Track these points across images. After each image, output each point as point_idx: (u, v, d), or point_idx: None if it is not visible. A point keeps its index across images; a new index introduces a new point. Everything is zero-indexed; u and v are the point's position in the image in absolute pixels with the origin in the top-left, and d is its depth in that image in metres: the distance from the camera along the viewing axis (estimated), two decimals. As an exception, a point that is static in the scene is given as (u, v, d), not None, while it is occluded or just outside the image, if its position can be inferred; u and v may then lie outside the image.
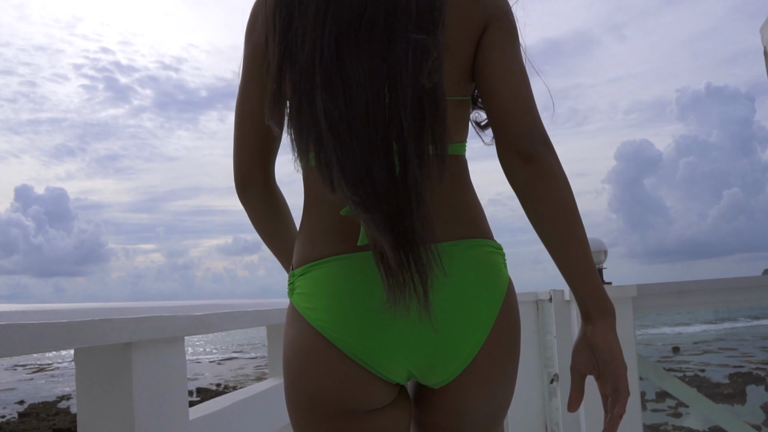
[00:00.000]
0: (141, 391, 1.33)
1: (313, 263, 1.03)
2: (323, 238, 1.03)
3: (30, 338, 1.02)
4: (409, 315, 0.94)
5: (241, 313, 1.94)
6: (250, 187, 1.14)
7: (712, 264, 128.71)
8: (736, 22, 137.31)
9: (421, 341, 0.99)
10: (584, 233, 1.03)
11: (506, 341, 1.04)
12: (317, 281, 1.02)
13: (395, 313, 0.94)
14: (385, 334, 0.98)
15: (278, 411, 2.25)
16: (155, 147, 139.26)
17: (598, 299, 1.04)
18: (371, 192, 0.90)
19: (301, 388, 1.03)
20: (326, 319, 0.99)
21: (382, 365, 1.00)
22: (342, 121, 0.91)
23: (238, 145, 1.13)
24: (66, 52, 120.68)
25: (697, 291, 3.38)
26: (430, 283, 0.93)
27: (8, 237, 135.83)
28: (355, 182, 0.90)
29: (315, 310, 1.01)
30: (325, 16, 0.94)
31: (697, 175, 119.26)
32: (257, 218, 1.19)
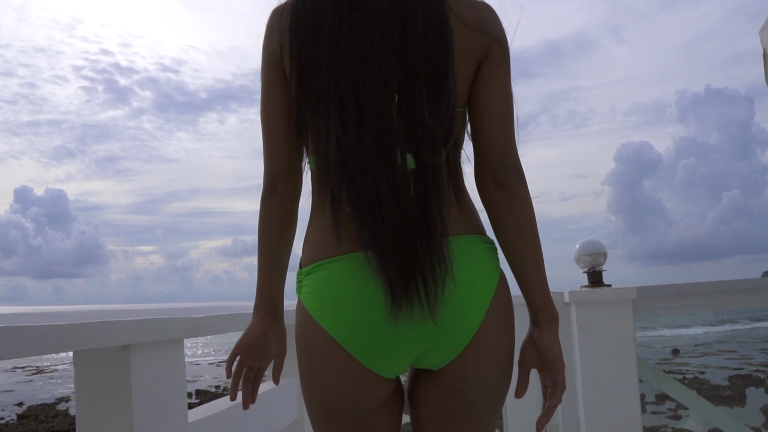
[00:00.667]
0: (140, 393, 1.32)
1: (320, 263, 1.13)
2: (330, 237, 1.11)
3: (29, 340, 1.02)
4: (412, 317, 1.06)
5: (240, 315, 1.94)
6: (279, 187, 1.20)
7: (711, 266, 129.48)
8: (736, 24, 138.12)
9: (423, 336, 1.09)
10: (540, 251, 1.17)
11: (500, 325, 1.13)
12: (323, 282, 1.12)
13: (398, 318, 1.06)
14: (389, 338, 1.08)
15: (278, 413, 2.25)
16: (155, 149, 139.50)
17: (547, 309, 1.18)
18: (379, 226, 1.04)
19: (319, 386, 1.14)
20: (333, 326, 1.10)
21: (386, 367, 1.11)
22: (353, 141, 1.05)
23: (267, 149, 1.20)
24: (66, 53, 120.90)
25: (697, 293, 3.38)
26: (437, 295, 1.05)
27: (7, 238, 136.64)
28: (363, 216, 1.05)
29: (323, 312, 1.11)
30: (339, 39, 1.07)
31: (697, 177, 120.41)
32: (270, 222, 1.22)
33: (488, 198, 1.17)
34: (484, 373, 1.13)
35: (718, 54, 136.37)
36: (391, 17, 1.08)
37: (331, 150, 1.06)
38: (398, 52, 1.07)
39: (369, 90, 1.06)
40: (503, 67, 1.18)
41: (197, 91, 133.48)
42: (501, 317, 1.14)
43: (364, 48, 1.06)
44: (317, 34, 1.09)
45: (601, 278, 3.56)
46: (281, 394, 2.29)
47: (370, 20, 1.07)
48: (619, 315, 3.22)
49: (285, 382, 2.36)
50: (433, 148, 1.07)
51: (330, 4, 1.09)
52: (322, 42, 1.08)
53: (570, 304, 3.31)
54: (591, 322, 3.24)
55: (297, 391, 2.46)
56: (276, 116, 1.18)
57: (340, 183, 1.06)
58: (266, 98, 1.20)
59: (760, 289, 3.42)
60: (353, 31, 1.07)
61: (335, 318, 1.10)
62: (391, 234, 1.04)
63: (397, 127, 1.07)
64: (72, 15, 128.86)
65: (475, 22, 1.14)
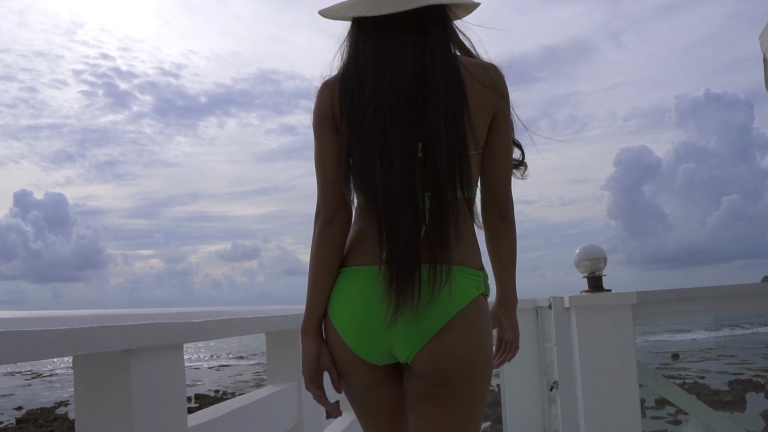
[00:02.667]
0: (139, 398, 1.32)
1: (343, 269, 1.46)
2: (354, 250, 1.45)
3: (29, 345, 1.02)
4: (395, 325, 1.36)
5: (240, 320, 1.94)
6: (335, 220, 1.46)
7: (711, 271, 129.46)
8: (735, 29, 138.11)
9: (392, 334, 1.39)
10: (515, 260, 1.57)
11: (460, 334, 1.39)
12: (340, 286, 1.45)
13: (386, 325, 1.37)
14: (368, 332, 1.40)
15: (278, 418, 2.24)
16: (154, 153, 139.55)
17: (513, 297, 1.61)
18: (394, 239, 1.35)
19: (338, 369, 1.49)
20: (337, 318, 1.44)
21: (368, 354, 1.43)
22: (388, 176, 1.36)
23: (324, 188, 1.47)
24: (66, 58, 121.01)
25: (697, 298, 3.38)
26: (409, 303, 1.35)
27: (7, 242, 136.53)
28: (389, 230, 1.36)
29: (335, 313, 1.44)
30: (375, 101, 1.37)
31: (696, 181, 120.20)
32: (321, 251, 1.47)
33: (492, 227, 1.52)
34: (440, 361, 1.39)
35: (717, 59, 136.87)
36: (415, 80, 1.38)
37: (375, 192, 1.37)
38: (420, 109, 1.37)
39: (397, 142, 1.36)
40: (507, 120, 1.46)
41: (197, 96, 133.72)
42: (464, 327, 1.39)
43: (392, 107, 1.37)
44: (360, 97, 1.40)
45: (601, 283, 3.56)
46: (281, 398, 2.29)
47: (398, 83, 1.37)
48: (619, 320, 3.22)
49: (285, 387, 2.36)
50: (447, 190, 1.36)
51: (369, 72, 1.40)
52: (363, 103, 1.39)
53: (570, 308, 3.31)
54: (591, 327, 3.24)
55: (297, 396, 2.46)
56: (330, 162, 1.46)
57: (377, 217, 1.37)
58: (320, 149, 1.48)
59: (760, 293, 3.42)
60: (384, 93, 1.37)
61: (336, 315, 1.44)
62: (394, 257, 1.35)
63: (421, 170, 1.36)
64: (72, 19, 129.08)
65: (488, 82, 1.43)
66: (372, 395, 1.50)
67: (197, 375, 24.67)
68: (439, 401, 1.43)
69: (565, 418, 3.43)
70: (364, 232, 1.44)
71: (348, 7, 1.45)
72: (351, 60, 1.45)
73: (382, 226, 1.37)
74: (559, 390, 3.47)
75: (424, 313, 1.36)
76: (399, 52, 1.40)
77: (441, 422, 1.44)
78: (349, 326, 1.41)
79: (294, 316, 2.46)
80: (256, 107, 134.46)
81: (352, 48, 1.47)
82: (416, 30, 1.42)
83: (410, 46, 1.41)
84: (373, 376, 1.46)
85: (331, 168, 1.46)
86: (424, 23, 1.43)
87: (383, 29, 1.42)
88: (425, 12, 1.42)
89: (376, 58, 1.41)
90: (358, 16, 1.45)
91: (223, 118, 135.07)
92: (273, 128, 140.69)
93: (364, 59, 1.42)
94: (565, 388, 3.41)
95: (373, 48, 1.42)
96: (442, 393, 1.42)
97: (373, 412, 1.53)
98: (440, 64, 1.39)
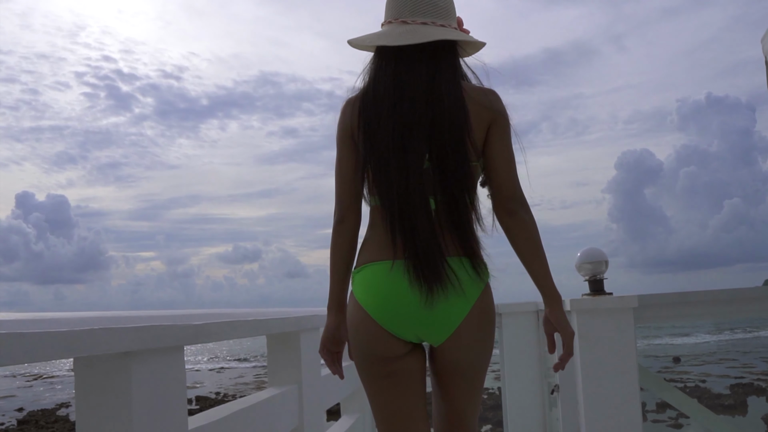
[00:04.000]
0: (140, 400, 1.32)
1: (364, 265, 1.71)
2: (373, 249, 1.70)
3: (29, 347, 1.02)
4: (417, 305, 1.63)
5: (241, 322, 1.94)
6: (346, 220, 1.74)
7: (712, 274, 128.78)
8: (737, 33, 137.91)
9: (422, 320, 1.65)
10: (542, 253, 1.71)
11: (479, 321, 1.68)
12: (365, 278, 1.70)
13: (409, 303, 1.63)
14: (402, 316, 1.65)
15: (278, 420, 2.24)
16: (156, 155, 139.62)
17: (551, 294, 1.72)
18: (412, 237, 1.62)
19: (358, 343, 1.72)
20: (369, 305, 1.68)
21: (400, 333, 1.68)
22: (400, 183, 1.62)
23: (340, 192, 1.74)
24: (68, 60, 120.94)
25: (698, 302, 3.38)
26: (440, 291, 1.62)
27: (9, 244, 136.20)
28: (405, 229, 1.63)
29: (363, 297, 1.69)
30: (392, 118, 1.65)
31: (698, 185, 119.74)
32: (338, 247, 1.75)
33: (502, 222, 1.71)
34: (465, 351, 1.69)
35: (719, 62, 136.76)
36: (426, 101, 1.65)
37: (388, 194, 1.64)
38: (430, 126, 1.64)
39: (411, 152, 1.63)
40: (505, 131, 1.71)
41: (199, 98, 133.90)
42: (478, 319, 1.68)
43: (407, 124, 1.64)
44: (378, 114, 1.66)
45: (603, 286, 3.55)
46: (282, 401, 2.29)
47: (412, 104, 1.65)
48: (621, 323, 3.22)
49: (286, 390, 2.36)
50: (451, 193, 1.64)
51: (387, 93, 1.67)
52: (381, 119, 1.65)
53: (571, 312, 3.31)
54: (592, 331, 3.24)
55: (297, 399, 2.46)
56: (348, 170, 1.73)
57: (390, 217, 1.64)
58: (340, 158, 1.75)
59: (762, 297, 3.42)
60: (400, 112, 1.65)
61: (369, 301, 1.68)
62: (419, 251, 1.61)
63: (429, 177, 1.64)
64: (74, 22, 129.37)
65: (484, 102, 1.69)
66: (397, 365, 1.71)
67: (198, 377, 24.67)
68: (467, 379, 1.74)
69: (566, 422, 3.42)
70: (381, 232, 1.68)
71: (373, 38, 1.74)
72: (372, 82, 1.72)
73: (398, 224, 1.63)
74: (560, 393, 3.47)
75: (450, 301, 1.63)
76: (414, 77, 1.67)
77: (465, 396, 1.76)
78: (377, 308, 1.67)
79: (295, 319, 2.46)
80: (258, 110, 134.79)
81: (373, 72, 1.74)
82: (429, 60, 1.69)
83: (423, 73, 1.67)
84: (401, 349, 1.70)
85: (348, 176, 1.73)
86: (436, 54, 1.70)
87: (401, 58, 1.69)
88: (437, 45, 1.70)
89: (394, 82, 1.67)
90: (380, 46, 1.73)
91: (225, 121, 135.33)
92: (274, 131, 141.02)
93: (384, 82, 1.69)
94: (566, 392, 3.41)
95: (391, 73, 1.69)
96: (468, 374, 1.73)
97: (392, 383, 1.72)
98: (447, 90, 1.66)
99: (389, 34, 1.70)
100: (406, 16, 1.71)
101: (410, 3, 1.71)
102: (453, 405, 1.77)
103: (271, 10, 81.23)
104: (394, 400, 1.73)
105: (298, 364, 2.48)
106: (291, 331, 2.45)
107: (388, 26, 1.74)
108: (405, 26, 1.70)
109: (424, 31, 1.68)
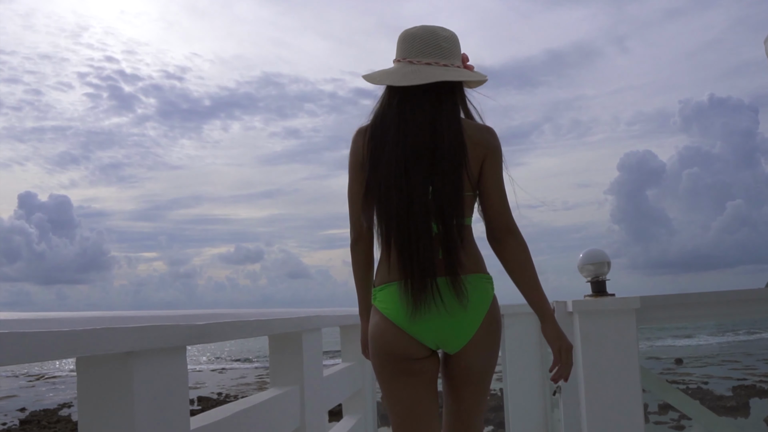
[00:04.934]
0: (142, 400, 1.32)
1: (386, 284, 1.87)
2: (391, 269, 1.85)
3: (32, 347, 1.03)
4: (434, 316, 1.80)
5: (243, 322, 1.94)
6: (360, 240, 1.96)
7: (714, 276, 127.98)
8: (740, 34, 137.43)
9: (441, 329, 1.83)
10: (532, 274, 1.90)
11: (489, 330, 1.87)
12: (387, 294, 1.86)
13: (423, 315, 1.79)
14: (421, 324, 1.82)
15: (280, 421, 2.24)
16: (158, 156, 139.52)
17: (542, 311, 1.92)
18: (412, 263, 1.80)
19: (379, 347, 1.88)
20: (391, 314, 1.84)
21: (420, 338, 1.84)
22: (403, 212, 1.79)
23: (353, 215, 1.94)
24: (71, 60, 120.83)
25: (701, 303, 3.37)
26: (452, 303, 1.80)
27: (11, 244, 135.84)
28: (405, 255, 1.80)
29: (386, 308, 1.86)
30: (396, 149, 1.81)
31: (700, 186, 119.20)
32: (357, 265, 2.00)
33: (494, 249, 1.91)
34: (477, 358, 1.87)
35: (722, 63, 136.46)
36: (429, 136, 1.81)
37: (391, 221, 1.80)
38: (431, 159, 1.80)
39: (413, 183, 1.79)
40: (498, 166, 1.89)
41: (201, 99, 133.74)
42: (489, 329, 1.86)
43: (410, 156, 1.80)
44: (383, 144, 1.84)
45: (605, 287, 3.55)
46: (283, 401, 2.29)
47: (415, 138, 1.81)
48: (623, 324, 3.21)
49: (287, 390, 2.36)
50: (450, 219, 1.79)
51: (393, 126, 1.84)
52: (386, 149, 1.82)
53: (573, 313, 3.30)
54: (594, 332, 3.23)
55: (299, 399, 2.46)
56: (356, 195, 1.90)
57: (398, 241, 1.80)
58: (352, 184, 1.92)
59: (764, 299, 3.41)
60: (404, 144, 1.81)
61: (392, 312, 1.84)
62: (419, 271, 1.78)
63: (431, 205, 1.79)
64: (77, 22, 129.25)
65: (480, 140, 1.87)
66: (417, 366, 1.87)
67: (200, 377, 24.68)
68: (478, 384, 1.92)
69: (568, 423, 3.42)
70: (388, 254, 1.85)
71: (383, 76, 1.91)
72: (380, 116, 1.90)
73: (400, 248, 1.80)
74: (562, 394, 3.46)
75: (463, 315, 1.81)
76: (417, 114, 1.84)
77: (474, 398, 1.93)
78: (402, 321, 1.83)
79: (297, 319, 2.46)
80: (260, 110, 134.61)
81: (383, 107, 1.91)
82: (432, 98, 1.86)
83: (427, 110, 1.84)
84: (422, 353, 1.87)
85: (357, 200, 1.90)
86: (439, 93, 1.86)
87: (407, 95, 1.86)
88: (440, 84, 1.86)
89: (400, 117, 1.84)
90: (388, 84, 1.90)
91: (227, 121, 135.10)
92: (277, 131, 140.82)
93: (391, 117, 1.86)
94: (568, 393, 3.40)
95: (398, 109, 1.86)
96: (478, 378, 1.91)
97: (410, 382, 1.89)
98: (448, 126, 1.83)
99: (396, 74, 1.88)
100: (413, 57, 1.88)
101: (417, 45, 1.89)
102: (463, 406, 1.94)
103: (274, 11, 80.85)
104: (409, 397, 1.89)
105: (300, 365, 2.48)
106: (293, 331, 2.45)
107: (397, 64, 1.93)
108: (411, 66, 1.87)
109: (427, 71, 1.84)
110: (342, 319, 3.44)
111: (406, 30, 1.94)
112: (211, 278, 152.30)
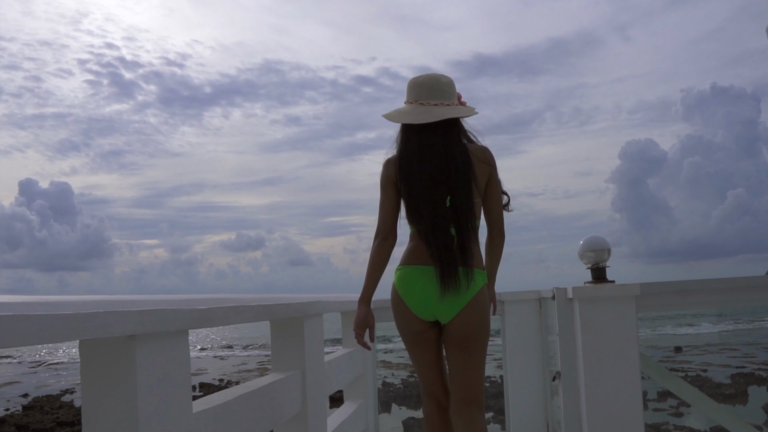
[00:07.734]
0: (145, 383, 1.33)
1: (404, 266, 2.54)
2: (411, 255, 2.52)
3: (35, 329, 1.03)
4: (435, 297, 2.47)
5: (245, 307, 1.95)
6: (388, 239, 2.59)
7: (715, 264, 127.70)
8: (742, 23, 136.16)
9: (437, 306, 2.49)
10: (499, 259, 2.67)
11: (473, 308, 2.49)
12: (403, 274, 2.54)
13: (430, 295, 2.47)
14: (423, 303, 2.50)
15: (281, 405, 2.26)
16: (159, 143, 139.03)
17: (492, 279, 2.68)
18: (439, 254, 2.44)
19: (398, 319, 2.60)
20: (404, 294, 2.53)
21: (422, 314, 2.53)
22: (430, 217, 2.44)
23: (383, 221, 2.59)
24: (71, 47, 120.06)
25: (700, 290, 3.38)
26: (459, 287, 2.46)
27: (12, 231, 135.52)
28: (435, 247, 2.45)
29: (401, 287, 2.54)
30: (422, 173, 2.46)
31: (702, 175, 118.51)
32: (380, 256, 2.59)
33: (492, 241, 2.64)
34: (466, 326, 2.49)
35: (724, 52, 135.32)
36: (444, 160, 2.44)
37: (423, 225, 2.46)
38: (447, 177, 2.43)
39: (437, 196, 2.44)
40: (497, 177, 2.57)
41: (202, 86, 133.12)
42: (473, 307, 2.48)
43: (433, 175, 2.45)
44: (411, 171, 2.48)
45: (605, 274, 3.56)
46: (285, 386, 2.30)
47: (434, 161, 2.45)
48: (623, 311, 3.22)
49: (289, 375, 2.37)
50: (465, 223, 2.45)
51: (415, 156, 2.48)
52: (413, 174, 2.47)
53: (573, 300, 3.31)
54: (594, 318, 3.24)
55: (300, 384, 2.47)
56: (389, 206, 2.57)
57: (426, 239, 2.45)
58: (384, 198, 2.58)
59: (764, 286, 3.42)
60: (428, 169, 2.45)
61: (403, 291, 2.53)
62: (443, 263, 2.43)
63: (449, 212, 2.43)
64: (77, 9, 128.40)
65: (484, 158, 2.53)
66: (423, 336, 2.58)
67: (201, 364, 24.78)
68: (465, 347, 2.52)
69: (568, 409, 3.44)
70: (418, 246, 2.49)
71: (401, 116, 2.51)
72: (403, 147, 2.53)
73: (430, 244, 2.43)
74: (562, 381, 3.47)
75: (459, 295, 2.44)
76: (432, 143, 2.46)
77: (466, 359, 2.53)
78: (412, 299, 2.51)
79: (299, 305, 2.47)
80: (261, 98, 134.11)
81: (403, 141, 2.53)
82: (442, 131, 2.47)
83: (439, 140, 2.46)
84: (424, 326, 2.56)
85: (390, 211, 2.56)
86: (446, 126, 2.48)
87: (422, 130, 2.48)
88: (446, 120, 2.47)
89: (420, 148, 2.47)
90: (406, 123, 2.51)
91: (228, 109, 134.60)
92: (278, 119, 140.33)
93: (411, 147, 2.50)
94: (567, 379, 3.42)
95: (416, 142, 2.49)
96: (466, 343, 2.51)
97: (422, 347, 2.61)
98: (457, 151, 2.45)
99: (411, 114, 2.48)
100: (423, 99, 2.49)
101: (425, 90, 2.49)
102: (457, 362, 2.55)
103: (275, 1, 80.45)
104: (422, 355, 2.63)
105: (302, 350, 2.49)
106: (295, 316, 2.46)
107: (409, 106, 2.51)
108: (422, 107, 2.47)
109: (436, 111, 2.45)
110: (343, 305, 3.45)
111: (414, 78, 2.53)
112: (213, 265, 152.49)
